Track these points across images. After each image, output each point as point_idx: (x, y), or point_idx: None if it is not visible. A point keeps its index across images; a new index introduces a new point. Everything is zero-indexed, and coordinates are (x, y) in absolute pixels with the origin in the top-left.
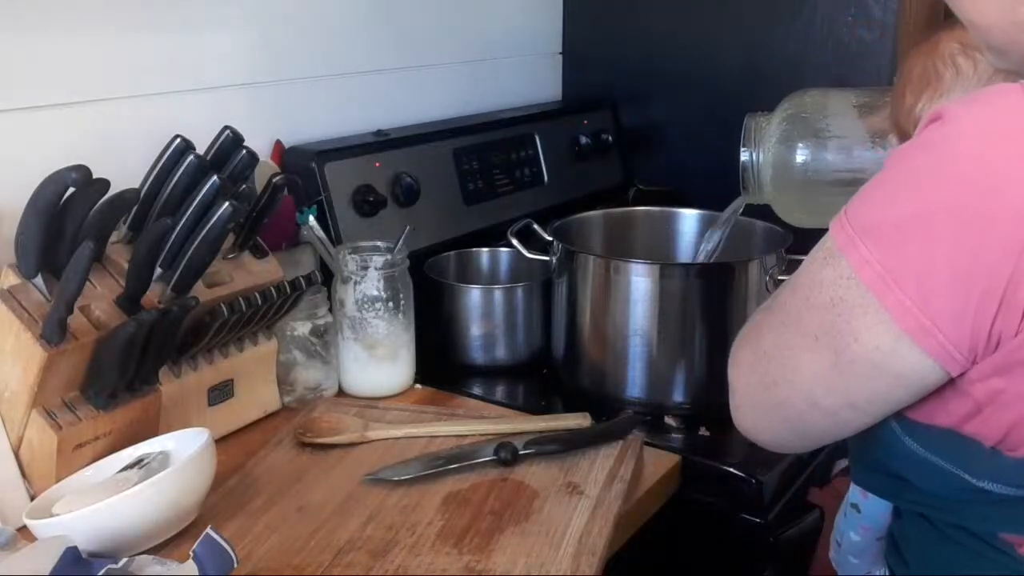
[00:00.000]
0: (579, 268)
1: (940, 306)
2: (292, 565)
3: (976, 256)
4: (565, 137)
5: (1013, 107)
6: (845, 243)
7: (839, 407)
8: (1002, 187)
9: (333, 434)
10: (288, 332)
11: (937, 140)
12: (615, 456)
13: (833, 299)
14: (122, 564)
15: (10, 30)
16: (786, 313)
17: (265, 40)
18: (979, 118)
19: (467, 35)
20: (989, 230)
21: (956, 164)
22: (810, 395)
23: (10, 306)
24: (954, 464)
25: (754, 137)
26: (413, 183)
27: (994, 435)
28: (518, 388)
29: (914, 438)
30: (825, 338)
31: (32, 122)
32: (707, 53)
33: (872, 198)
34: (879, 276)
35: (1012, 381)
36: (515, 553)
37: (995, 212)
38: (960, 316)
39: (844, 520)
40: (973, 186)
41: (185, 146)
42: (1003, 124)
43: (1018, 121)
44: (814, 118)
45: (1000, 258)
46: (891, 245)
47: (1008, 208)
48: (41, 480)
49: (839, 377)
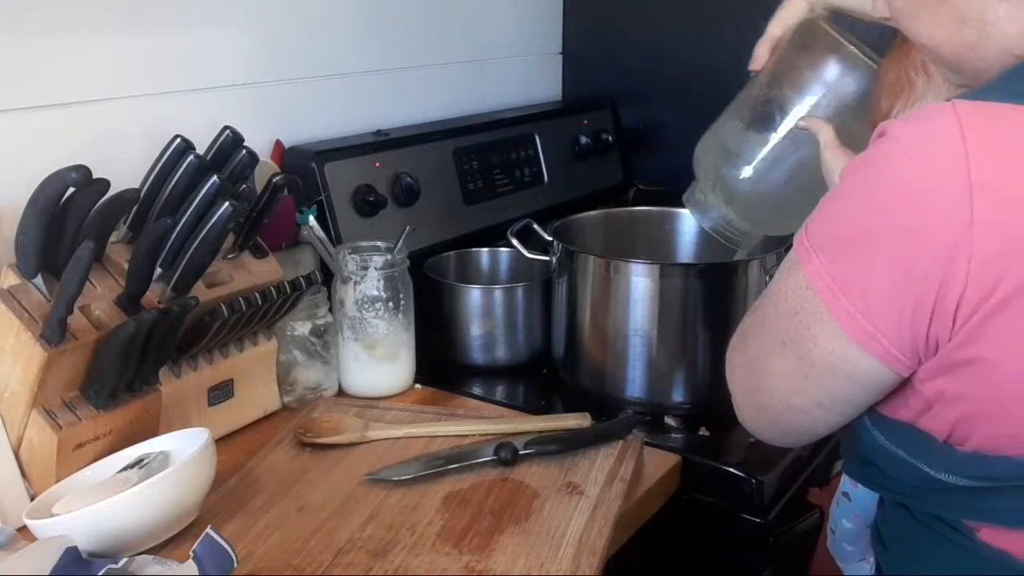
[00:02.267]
0: (579, 268)
1: (882, 314)
2: (292, 565)
3: (910, 268)
4: (565, 137)
5: (945, 124)
6: (803, 255)
7: (809, 407)
8: (930, 202)
9: (333, 434)
10: (288, 332)
11: (878, 157)
12: (615, 456)
13: (795, 308)
14: (122, 564)
15: (10, 30)
16: (762, 320)
17: (265, 40)
18: (913, 136)
19: (467, 35)
20: (919, 242)
21: (891, 180)
22: (783, 397)
23: (10, 306)
24: (914, 456)
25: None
26: (413, 183)
27: (943, 430)
28: (518, 388)
29: (880, 431)
30: (791, 344)
31: (32, 122)
32: (707, 53)
33: (826, 212)
34: (828, 287)
35: (953, 381)
36: (515, 553)
37: (923, 226)
38: (900, 323)
39: (837, 508)
40: (905, 201)
41: (185, 146)
42: (934, 140)
43: (948, 139)
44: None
45: (929, 270)
46: (838, 258)
47: (934, 222)
48: (41, 480)
49: (805, 380)
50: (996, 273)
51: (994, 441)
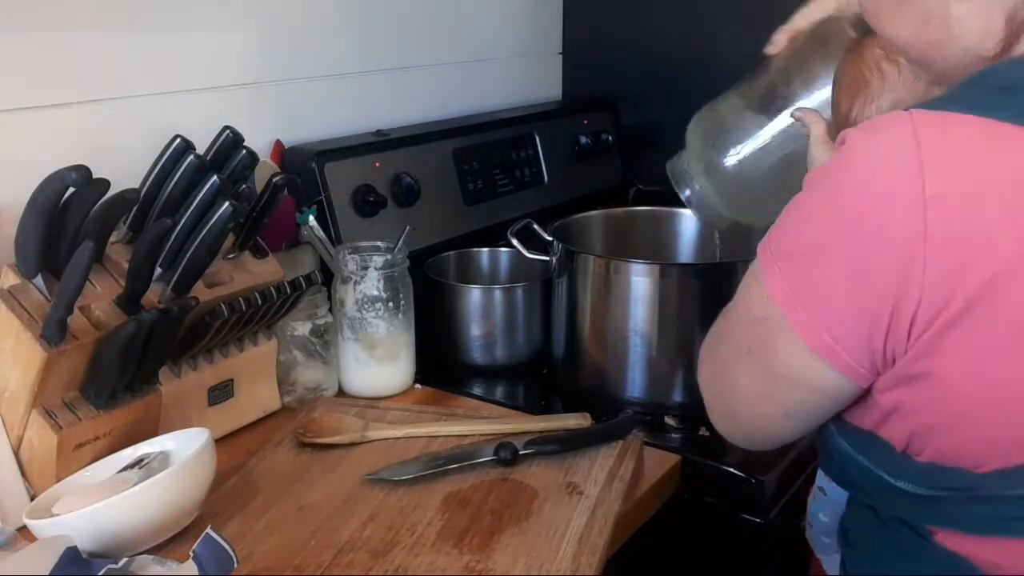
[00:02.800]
0: (579, 268)
1: (841, 326)
2: (292, 565)
3: (865, 281)
4: (565, 137)
5: (900, 135)
6: (765, 265)
7: (776, 416)
8: (882, 214)
9: (333, 434)
10: (288, 332)
11: (834, 167)
12: (615, 456)
13: (760, 317)
14: (122, 564)
15: (10, 30)
16: (730, 327)
17: (265, 40)
18: (867, 146)
19: (467, 35)
20: (873, 256)
21: (845, 193)
22: (749, 405)
23: (10, 306)
24: (875, 464)
25: (684, 176)
26: (413, 183)
27: (901, 440)
28: (518, 388)
29: (844, 437)
30: (755, 352)
31: (32, 122)
32: (707, 53)
33: (787, 221)
34: (788, 298)
35: (909, 393)
36: (515, 553)
37: (876, 238)
38: (858, 335)
39: (814, 502)
40: (859, 213)
41: (185, 146)
42: (888, 152)
43: (902, 151)
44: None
45: (884, 284)
46: (797, 269)
47: (887, 235)
48: (41, 480)
49: (770, 389)
50: (949, 288)
51: (948, 452)
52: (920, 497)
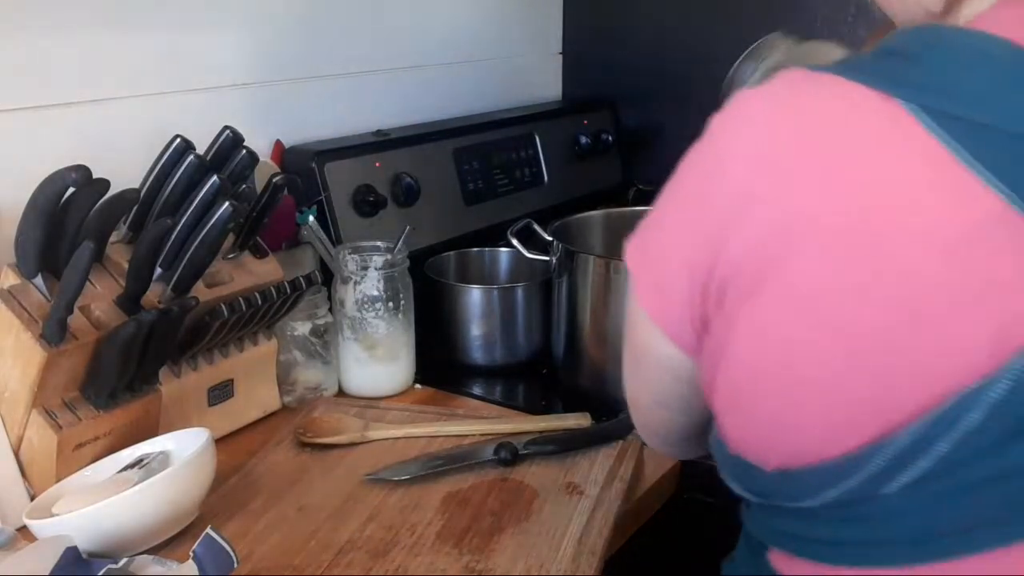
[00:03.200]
0: (579, 268)
1: (673, 293)
2: (292, 565)
3: (693, 236)
4: (565, 137)
5: (755, 99)
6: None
7: (653, 406)
8: (717, 171)
9: (333, 434)
10: (288, 332)
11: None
12: (615, 456)
13: (630, 296)
14: (122, 564)
15: (10, 30)
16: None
17: (265, 40)
18: (723, 114)
19: (467, 35)
20: (705, 204)
21: (705, 145)
22: (634, 396)
23: (10, 306)
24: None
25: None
26: (413, 183)
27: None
28: (518, 388)
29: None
30: (627, 336)
31: (32, 122)
32: (707, 53)
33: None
34: (634, 266)
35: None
36: (515, 553)
37: (707, 192)
38: (680, 290)
39: None
40: (696, 169)
41: (185, 146)
42: (738, 115)
43: (754, 113)
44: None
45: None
46: (646, 234)
47: (716, 190)
48: (41, 480)
49: (639, 373)
50: (764, 254)
51: (742, 444)
52: (750, 503)
